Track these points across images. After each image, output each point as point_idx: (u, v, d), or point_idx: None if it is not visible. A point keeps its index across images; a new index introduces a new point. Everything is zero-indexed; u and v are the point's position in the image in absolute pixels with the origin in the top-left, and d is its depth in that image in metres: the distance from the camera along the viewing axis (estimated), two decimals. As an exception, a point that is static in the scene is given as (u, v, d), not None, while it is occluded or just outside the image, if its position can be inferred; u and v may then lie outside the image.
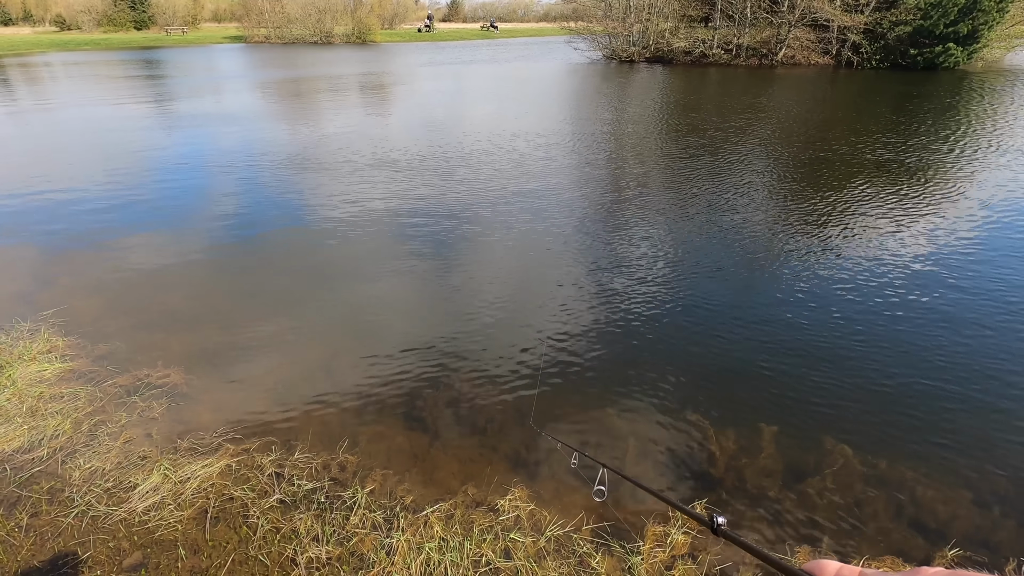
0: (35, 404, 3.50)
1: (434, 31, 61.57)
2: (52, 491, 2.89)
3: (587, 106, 16.27)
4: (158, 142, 11.52)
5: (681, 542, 2.62)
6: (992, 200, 7.27)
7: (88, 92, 19.72)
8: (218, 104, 16.83)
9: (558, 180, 8.43)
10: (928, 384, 3.75)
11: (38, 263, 5.76)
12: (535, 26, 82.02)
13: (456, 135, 11.79)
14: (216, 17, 79.93)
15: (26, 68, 29.57)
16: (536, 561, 2.51)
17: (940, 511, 2.83)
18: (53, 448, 3.16)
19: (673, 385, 3.76)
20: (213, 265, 5.70)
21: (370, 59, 34.54)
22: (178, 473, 2.96)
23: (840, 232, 6.31)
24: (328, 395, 3.68)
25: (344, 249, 6.04)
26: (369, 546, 2.57)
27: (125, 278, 5.40)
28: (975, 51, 23.05)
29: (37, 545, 2.60)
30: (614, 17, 30.10)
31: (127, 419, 3.40)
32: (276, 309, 4.80)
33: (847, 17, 24.32)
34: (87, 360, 4.02)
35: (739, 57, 27.07)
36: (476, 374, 3.89)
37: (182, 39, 55.02)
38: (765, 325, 4.47)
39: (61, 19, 69.46)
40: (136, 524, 2.69)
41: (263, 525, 2.67)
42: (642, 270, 5.44)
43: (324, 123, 13.58)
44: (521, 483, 2.96)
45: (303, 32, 52.28)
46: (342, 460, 3.11)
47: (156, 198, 7.81)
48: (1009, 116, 12.71)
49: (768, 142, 10.77)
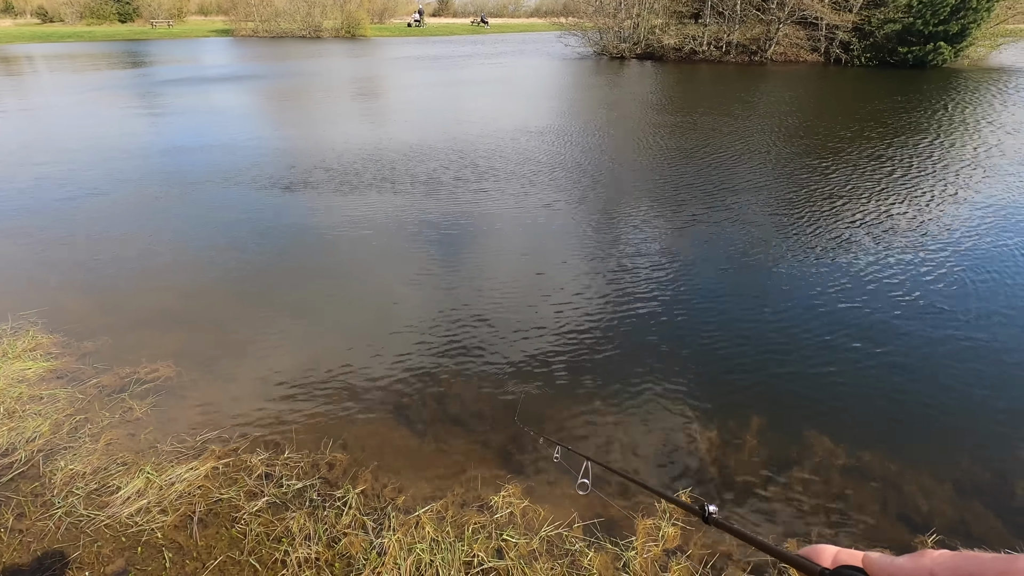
0: (13, 406, 3.42)
1: (424, 26, 61.08)
2: (34, 493, 2.83)
3: (580, 102, 16.24)
4: (146, 138, 11.33)
5: (672, 535, 2.62)
6: (987, 200, 7.34)
7: (75, 85, 19.36)
8: (208, 99, 16.60)
9: (555, 179, 8.40)
10: (915, 378, 3.79)
11: (23, 259, 5.65)
12: (525, 22, 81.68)
13: (448, 130, 11.72)
14: (202, 10, 78.70)
15: (7, 62, 28.97)
16: (528, 561, 2.49)
17: (922, 503, 2.86)
18: (31, 450, 3.09)
19: (660, 380, 3.76)
20: (203, 264, 5.62)
21: (359, 54, 34.26)
22: (163, 476, 2.91)
23: (826, 225, 6.35)
24: (317, 394, 3.64)
25: (334, 249, 5.98)
26: (359, 547, 2.55)
27: (112, 275, 5.31)
28: (962, 49, 23.30)
29: (22, 547, 2.55)
30: (605, 13, 30.02)
31: (110, 420, 3.34)
32: (265, 309, 4.74)
33: (836, 15, 24.46)
34: (72, 358, 3.95)
35: (729, 54, 27.13)
36: (467, 373, 3.87)
37: (168, 32, 54.15)
38: (750, 319, 4.49)
39: (43, 11, 68.08)
40: (120, 528, 2.64)
41: (253, 527, 2.64)
42: (628, 269, 5.43)
43: (317, 118, 13.44)
44: (514, 480, 2.94)
45: (291, 26, 51.61)
46: (331, 459, 3.07)
47: (145, 196, 7.68)
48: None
49: (756, 138, 10.81)
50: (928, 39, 22.81)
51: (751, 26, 26.94)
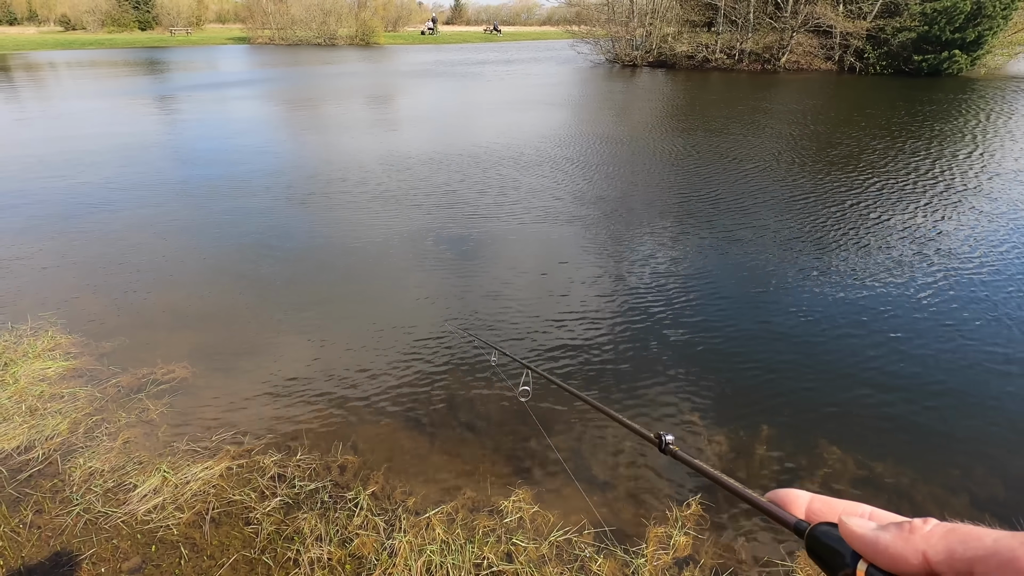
0: (35, 403, 3.50)
1: (437, 34, 61.69)
2: (53, 490, 2.89)
3: (594, 110, 16.29)
4: (164, 144, 11.54)
5: (683, 544, 2.61)
6: (993, 209, 7.26)
7: (97, 88, 19.77)
8: (224, 105, 16.86)
9: (566, 185, 8.44)
10: (911, 378, 3.75)
11: (43, 260, 5.77)
12: (538, 29, 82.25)
13: (464, 137, 11.81)
14: (220, 18, 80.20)
15: (30, 68, 29.66)
16: (537, 565, 2.50)
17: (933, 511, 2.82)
18: (49, 448, 3.16)
19: (674, 392, 3.75)
20: (218, 267, 5.71)
21: (372, 60, 34.63)
22: (178, 475, 2.96)
23: (837, 233, 6.31)
24: (329, 397, 3.68)
25: (348, 255, 6.04)
26: (370, 548, 2.57)
27: (130, 276, 5.40)
28: (978, 57, 23.08)
29: (41, 542, 2.60)
30: (617, 21, 30.14)
31: (127, 419, 3.40)
32: (278, 312, 4.80)
33: (850, 23, 24.36)
34: (90, 358, 4.02)
35: (742, 62, 27.09)
36: (478, 375, 3.88)
37: (186, 39, 55.17)
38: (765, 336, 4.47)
39: (66, 19, 69.71)
40: (137, 525, 2.69)
41: (265, 526, 2.67)
42: (639, 276, 5.44)
43: (333, 127, 13.61)
44: (524, 485, 2.95)
45: (307, 34, 52.38)
46: (343, 462, 3.10)
47: (163, 197, 7.82)
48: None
49: (771, 146, 10.77)
50: (943, 47, 22.62)
51: (764, 34, 26.91)
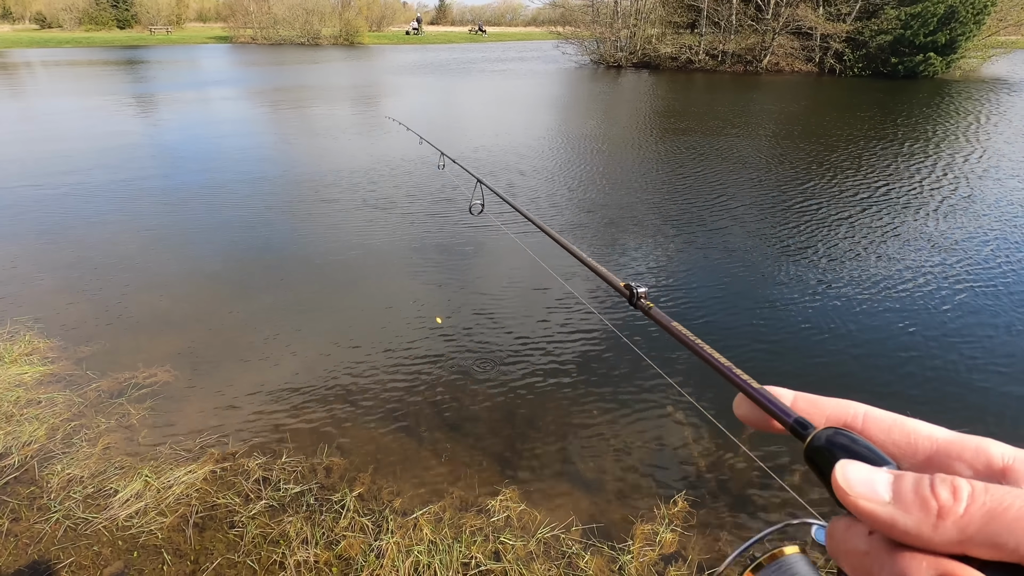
0: (10, 410, 3.42)
1: (422, 34, 61.47)
2: (31, 497, 2.83)
3: (582, 111, 16.36)
4: (147, 141, 11.35)
5: (670, 540, 2.64)
6: (986, 207, 7.44)
7: (75, 88, 19.38)
8: (207, 107, 16.64)
9: (556, 190, 8.46)
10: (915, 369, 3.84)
11: (19, 263, 5.64)
12: (523, 30, 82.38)
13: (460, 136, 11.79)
14: (201, 17, 79.10)
15: (4, 68, 28.99)
16: (525, 563, 2.51)
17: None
18: (26, 455, 3.09)
19: (671, 393, 3.79)
20: (200, 269, 5.63)
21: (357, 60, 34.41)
22: (161, 479, 2.91)
23: (817, 229, 6.42)
24: (314, 399, 3.65)
25: (333, 257, 6.00)
26: (357, 549, 2.55)
27: (109, 280, 5.30)
28: (953, 60, 23.64)
29: (18, 550, 2.55)
30: (602, 22, 30.33)
31: (107, 424, 3.34)
32: (262, 314, 4.76)
33: (830, 25, 24.80)
34: (69, 363, 3.94)
35: (724, 63, 27.43)
36: (463, 375, 3.88)
37: (166, 38, 54.31)
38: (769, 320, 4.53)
39: (41, 16, 68.27)
40: (118, 531, 2.64)
41: (250, 530, 2.64)
42: (627, 270, 5.48)
43: (320, 129, 13.50)
44: (511, 484, 2.96)
45: (290, 33, 51.83)
46: (328, 464, 3.08)
47: (143, 201, 7.69)
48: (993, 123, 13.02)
49: (752, 145, 10.92)
50: (918, 50, 23.14)
51: (746, 36, 27.26)
